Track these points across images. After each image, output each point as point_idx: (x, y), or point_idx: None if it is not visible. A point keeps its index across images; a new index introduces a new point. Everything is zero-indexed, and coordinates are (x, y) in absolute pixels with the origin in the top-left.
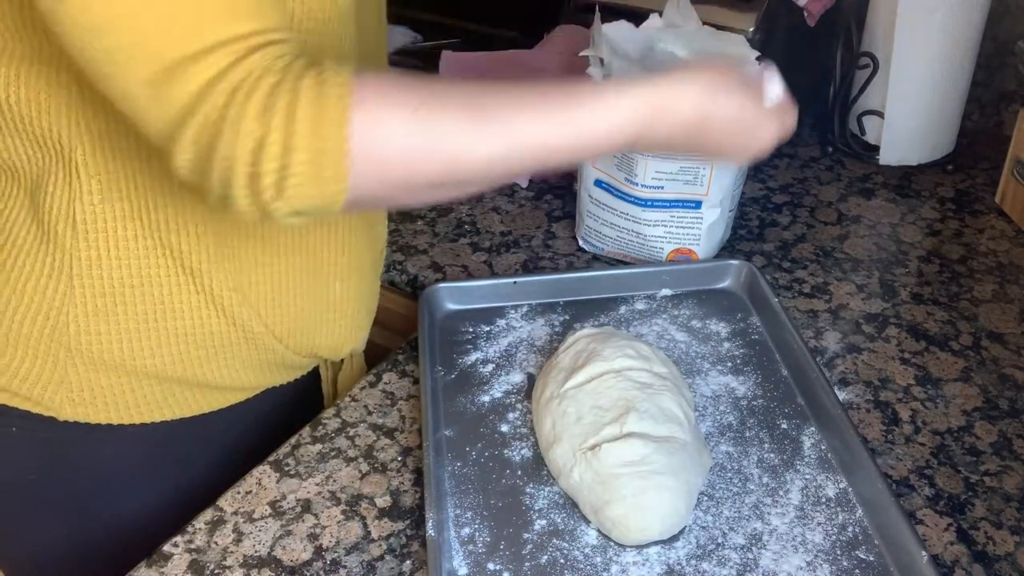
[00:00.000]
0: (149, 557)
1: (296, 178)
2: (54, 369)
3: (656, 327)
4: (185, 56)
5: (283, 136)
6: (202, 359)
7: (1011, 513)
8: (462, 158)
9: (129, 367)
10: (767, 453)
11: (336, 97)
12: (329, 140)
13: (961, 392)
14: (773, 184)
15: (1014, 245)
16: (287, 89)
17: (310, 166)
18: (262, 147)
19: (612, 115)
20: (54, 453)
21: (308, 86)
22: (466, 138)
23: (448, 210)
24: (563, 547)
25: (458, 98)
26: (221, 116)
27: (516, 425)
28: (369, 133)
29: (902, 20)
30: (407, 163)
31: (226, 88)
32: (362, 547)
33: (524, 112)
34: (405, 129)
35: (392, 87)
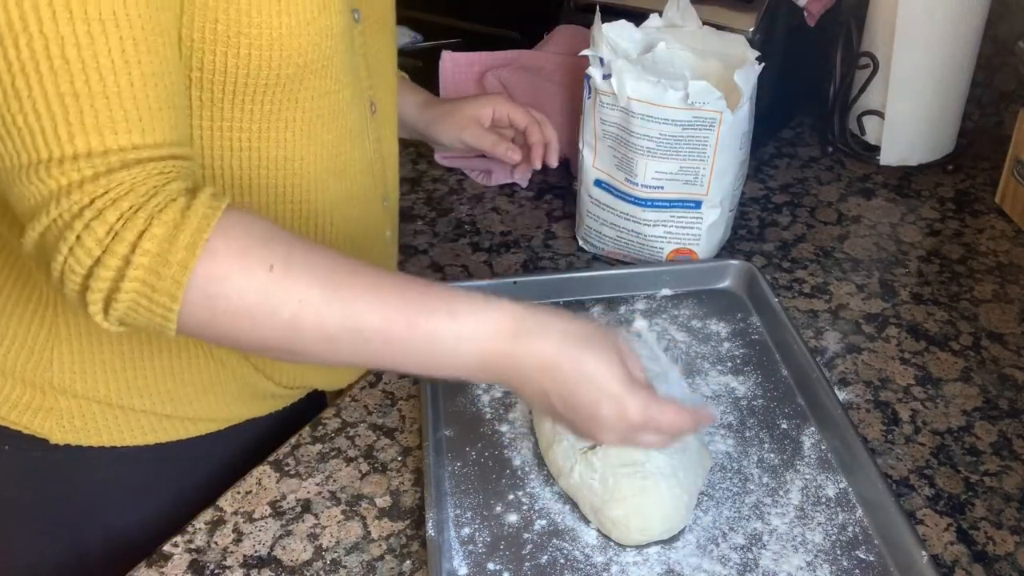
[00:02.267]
0: (149, 557)
1: (124, 304)
2: (43, 399)
3: (656, 327)
4: (45, 158)
5: (121, 264)
6: (191, 396)
7: (1011, 513)
8: (299, 329)
9: (116, 403)
10: (767, 453)
11: (187, 245)
12: (166, 280)
13: (961, 392)
14: (773, 184)
15: (1014, 245)
16: (142, 218)
17: (140, 297)
18: (97, 267)
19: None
20: (47, 473)
21: (164, 221)
22: (308, 310)
23: (448, 210)
24: (563, 547)
25: (317, 267)
26: (67, 225)
27: (516, 425)
28: (210, 285)
29: (902, 20)
30: (241, 322)
31: (78, 201)
32: (362, 547)
33: (373, 300)
34: (250, 288)
35: (254, 239)
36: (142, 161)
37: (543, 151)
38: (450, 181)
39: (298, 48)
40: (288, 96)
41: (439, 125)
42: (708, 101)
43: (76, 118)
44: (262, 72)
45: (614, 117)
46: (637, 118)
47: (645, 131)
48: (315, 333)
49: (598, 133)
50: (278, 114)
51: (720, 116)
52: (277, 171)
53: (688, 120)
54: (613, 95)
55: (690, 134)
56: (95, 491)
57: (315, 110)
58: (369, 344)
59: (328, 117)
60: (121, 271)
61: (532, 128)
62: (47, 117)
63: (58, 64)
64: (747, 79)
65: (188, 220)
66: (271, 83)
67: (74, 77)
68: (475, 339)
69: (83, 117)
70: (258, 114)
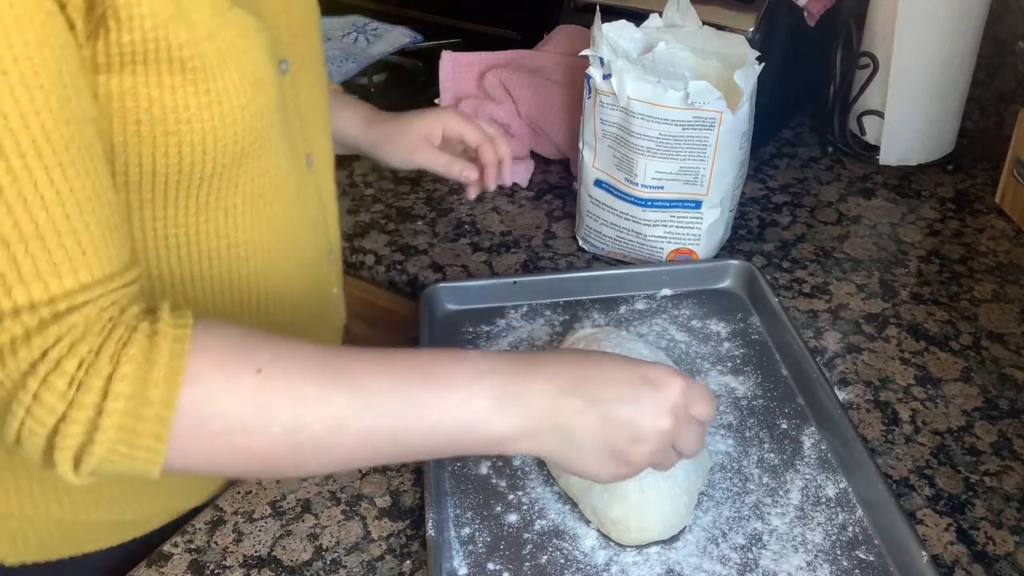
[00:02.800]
0: (149, 557)
1: (98, 457)
2: None
3: (656, 327)
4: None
5: (92, 415)
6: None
7: (1011, 513)
8: (299, 427)
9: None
10: (767, 453)
11: (165, 377)
12: (148, 421)
13: (961, 392)
14: (773, 184)
15: (1014, 245)
16: (106, 359)
17: (118, 445)
18: (64, 423)
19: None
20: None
21: (132, 357)
22: (306, 403)
23: (448, 210)
24: (563, 547)
25: (306, 359)
26: (18, 386)
27: None
28: (198, 410)
29: (902, 20)
30: (237, 439)
31: (27, 357)
32: (362, 547)
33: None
34: (241, 398)
35: (232, 346)
36: (93, 300)
37: (496, 171)
38: (450, 181)
39: (234, 136)
40: (227, 183)
41: (387, 146)
42: (708, 101)
43: (10, 267)
44: (195, 168)
45: (614, 117)
46: (637, 118)
47: (645, 131)
48: (320, 425)
49: (598, 133)
50: (216, 203)
51: (720, 116)
52: (221, 261)
53: (688, 120)
54: (613, 95)
55: (690, 134)
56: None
57: (256, 190)
58: (384, 416)
59: (270, 193)
60: (93, 422)
61: (484, 147)
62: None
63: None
64: (747, 79)
65: (158, 349)
66: (207, 175)
67: (1, 221)
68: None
69: (18, 265)
70: (194, 207)
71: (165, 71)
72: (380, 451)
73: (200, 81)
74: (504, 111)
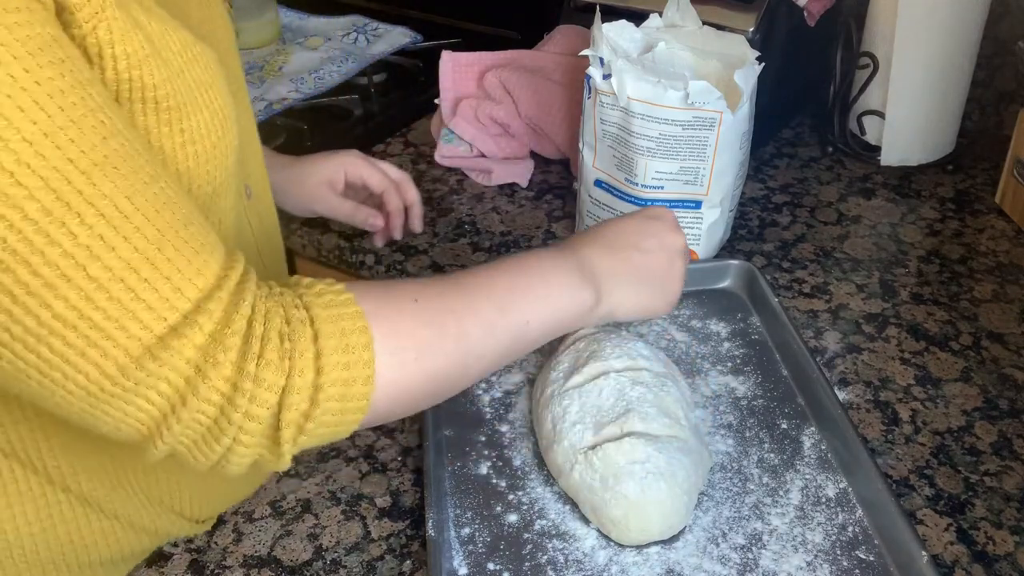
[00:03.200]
0: (149, 557)
1: (318, 419)
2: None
3: (656, 327)
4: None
5: (312, 377)
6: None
7: (1011, 513)
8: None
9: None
10: (767, 453)
11: (352, 317)
12: (357, 368)
13: (961, 392)
14: (773, 184)
15: (1014, 245)
16: (299, 321)
17: (337, 402)
18: (287, 396)
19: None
20: None
21: (322, 318)
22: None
23: (448, 210)
24: (563, 547)
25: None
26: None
27: (516, 425)
28: (390, 342)
29: (902, 20)
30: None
31: (235, 342)
32: (362, 547)
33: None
34: (412, 323)
35: (384, 292)
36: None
37: (401, 218)
38: (450, 181)
39: (208, 175)
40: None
41: (287, 193)
42: (708, 101)
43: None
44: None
45: (614, 117)
46: (637, 118)
47: (645, 131)
48: (476, 331)
49: (598, 133)
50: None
51: (720, 116)
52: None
53: (688, 120)
54: (613, 95)
55: (690, 134)
56: None
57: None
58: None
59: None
60: (316, 384)
61: (389, 194)
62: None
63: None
64: (747, 79)
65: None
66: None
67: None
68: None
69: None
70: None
71: (139, 111)
72: (517, 344)
73: (175, 120)
74: (504, 111)
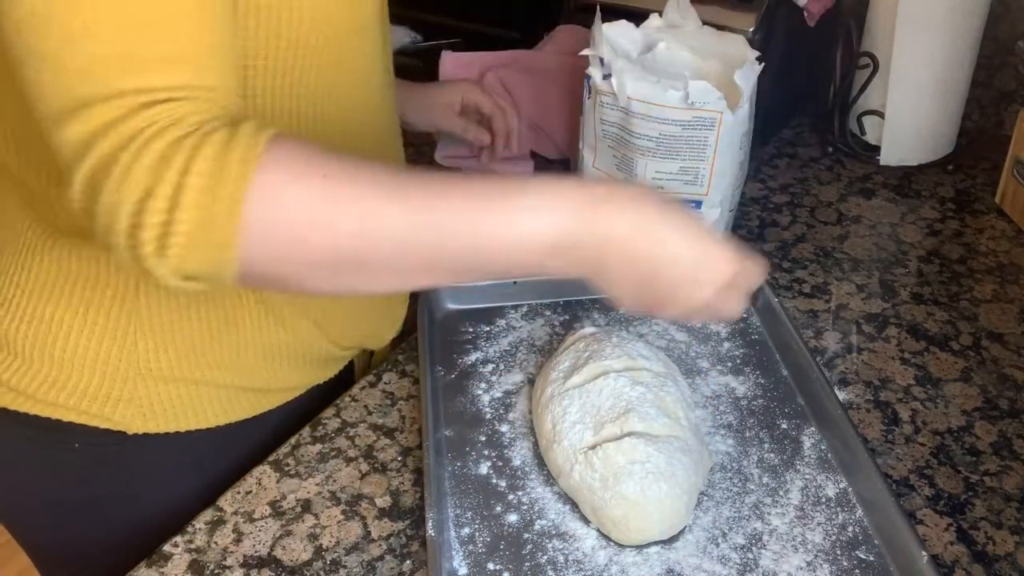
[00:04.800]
0: (149, 557)
1: (179, 237)
2: (123, 387)
3: (656, 327)
4: (92, 96)
5: (173, 190)
6: (261, 366)
7: (1011, 513)
8: (366, 232)
9: (194, 379)
10: (767, 453)
11: (240, 160)
12: (222, 202)
13: (961, 392)
14: (773, 184)
15: (1014, 245)
16: (191, 144)
17: (196, 226)
18: (148, 198)
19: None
20: (121, 466)
21: (214, 142)
22: (372, 205)
23: None
24: (563, 547)
25: (375, 171)
26: (113, 159)
27: (516, 425)
28: (267, 200)
29: (902, 20)
30: (304, 232)
31: (124, 132)
32: (362, 547)
33: (444, 186)
34: (308, 195)
35: (306, 153)
36: (191, 99)
37: (505, 139)
38: None
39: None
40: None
41: (412, 110)
42: (708, 101)
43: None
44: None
45: (614, 117)
46: (637, 118)
47: (645, 131)
48: (383, 232)
49: (598, 133)
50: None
51: (720, 116)
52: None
53: (688, 120)
54: (613, 95)
55: (690, 134)
56: (163, 479)
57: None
58: (442, 233)
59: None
60: (174, 198)
61: (496, 116)
62: (100, 56)
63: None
64: (747, 79)
65: (237, 139)
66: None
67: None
68: (550, 208)
69: (137, 52)
70: (307, 80)
71: None
72: (436, 266)
73: None
74: None
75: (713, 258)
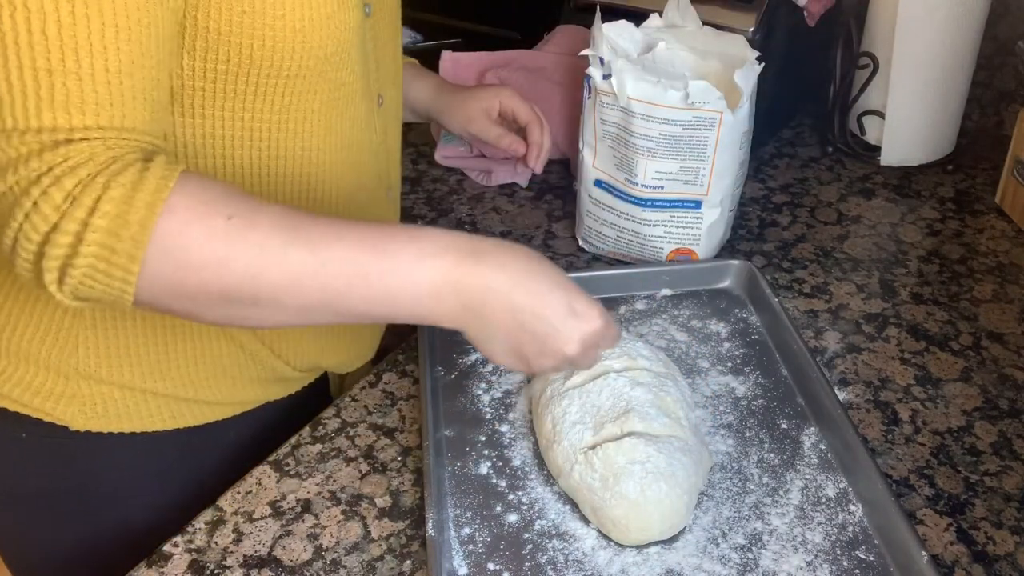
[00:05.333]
0: (149, 557)
1: (79, 269)
2: (65, 385)
3: (656, 327)
4: (14, 129)
5: (79, 227)
6: (211, 379)
7: (1011, 513)
8: (261, 273)
9: (139, 387)
10: (767, 453)
11: (146, 203)
12: (124, 242)
13: (961, 392)
14: (773, 184)
15: (1014, 245)
16: (100, 183)
17: (98, 262)
18: (54, 233)
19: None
20: (66, 461)
21: (121, 183)
22: (269, 252)
23: (448, 210)
24: (563, 547)
25: (275, 215)
26: (24, 192)
27: (516, 425)
28: (168, 238)
29: (902, 20)
30: (202, 273)
31: (35, 168)
32: (362, 547)
33: (337, 234)
34: (209, 235)
35: (212, 194)
36: (104, 139)
37: (537, 150)
38: (450, 181)
39: (319, 41)
40: (308, 87)
41: (450, 114)
42: (708, 101)
43: (46, 93)
44: (285, 63)
45: (614, 117)
46: (637, 118)
47: (645, 131)
48: (278, 275)
49: (598, 133)
50: (297, 105)
51: (720, 116)
52: (295, 162)
53: (688, 120)
54: (613, 95)
55: (690, 134)
56: (113, 478)
57: (331, 102)
58: (334, 278)
59: (343, 109)
60: (79, 236)
61: (532, 127)
62: (18, 89)
63: (37, 39)
64: (747, 79)
65: (145, 181)
66: (292, 74)
67: (51, 53)
68: (435, 255)
69: (53, 93)
70: (279, 105)
71: None
72: (329, 310)
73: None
74: None
75: (583, 313)
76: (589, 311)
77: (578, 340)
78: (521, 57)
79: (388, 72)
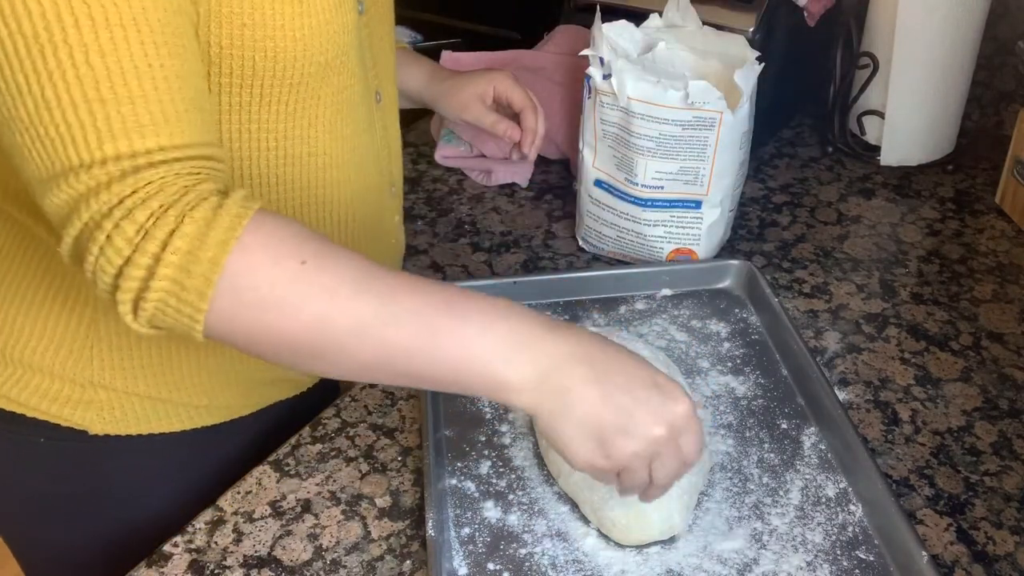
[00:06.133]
0: (149, 557)
1: (152, 304)
2: (82, 392)
3: (656, 327)
4: (72, 164)
5: (151, 263)
6: (224, 387)
7: (1011, 513)
8: (328, 322)
9: (155, 396)
10: (767, 453)
11: (219, 241)
12: (196, 278)
13: (961, 392)
14: (773, 184)
15: (1014, 245)
16: (173, 216)
17: (168, 296)
18: (128, 266)
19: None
20: (83, 465)
21: (196, 219)
22: (338, 301)
23: (448, 210)
24: (563, 547)
25: (349, 263)
26: (97, 226)
27: (516, 425)
28: (238, 278)
29: (902, 20)
30: (268, 315)
31: (106, 201)
32: (362, 547)
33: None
34: (281, 279)
35: (286, 234)
36: (169, 161)
37: (532, 137)
38: (450, 181)
39: (320, 47)
40: (311, 94)
41: (444, 101)
42: (708, 101)
43: (103, 124)
44: (287, 72)
45: (614, 117)
46: (637, 118)
47: (645, 131)
48: (344, 324)
49: (598, 133)
50: (303, 112)
51: (720, 116)
52: (303, 168)
53: (688, 120)
54: (613, 95)
55: (690, 134)
56: (129, 479)
57: (335, 105)
58: (398, 332)
59: (346, 111)
60: (151, 270)
61: (527, 112)
62: (76, 124)
63: (83, 71)
64: (747, 79)
65: (220, 218)
66: (295, 82)
67: (99, 83)
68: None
69: (110, 122)
70: (284, 114)
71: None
72: (394, 367)
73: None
74: None
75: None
76: (674, 389)
77: (666, 421)
78: (521, 57)
79: (384, 68)
